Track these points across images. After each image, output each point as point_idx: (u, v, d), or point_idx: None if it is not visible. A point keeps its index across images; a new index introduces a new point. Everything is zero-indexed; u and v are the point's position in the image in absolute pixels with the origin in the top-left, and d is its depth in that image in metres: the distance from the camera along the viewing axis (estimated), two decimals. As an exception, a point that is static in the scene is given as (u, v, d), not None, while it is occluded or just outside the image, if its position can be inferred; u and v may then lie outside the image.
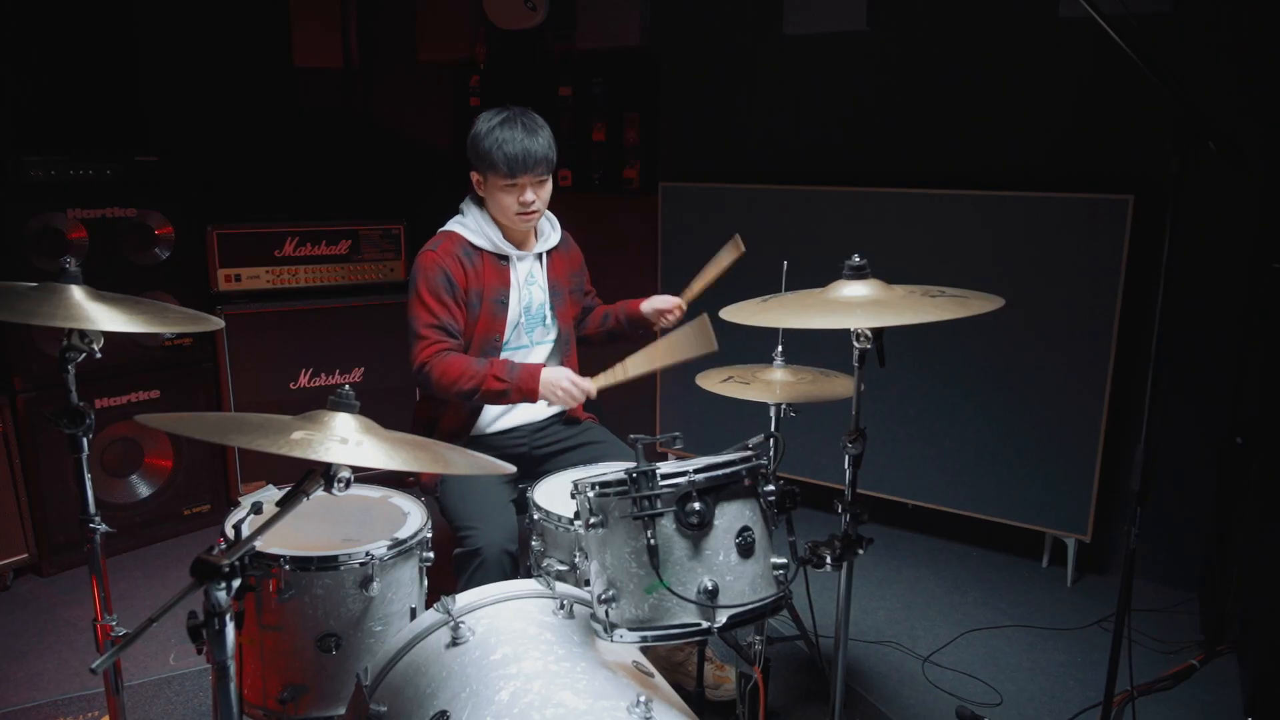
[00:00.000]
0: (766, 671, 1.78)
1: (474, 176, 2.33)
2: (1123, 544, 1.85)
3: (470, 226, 2.35)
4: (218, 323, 1.80)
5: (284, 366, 3.54)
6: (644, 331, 2.53)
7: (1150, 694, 2.48)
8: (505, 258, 2.36)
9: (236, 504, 1.89)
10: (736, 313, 1.71)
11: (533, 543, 2.03)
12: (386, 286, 3.72)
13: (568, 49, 3.97)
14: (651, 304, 2.49)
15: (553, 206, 2.41)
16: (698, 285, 2.40)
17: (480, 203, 2.38)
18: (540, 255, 2.43)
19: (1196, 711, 2.43)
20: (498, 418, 2.42)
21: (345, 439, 1.31)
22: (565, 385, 2.21)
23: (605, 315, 2.60)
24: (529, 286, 2.41)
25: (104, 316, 1.62)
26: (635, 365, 2.23)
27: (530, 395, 2.21)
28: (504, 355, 2.36)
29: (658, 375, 3.84)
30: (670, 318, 2.46)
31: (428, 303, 2.25)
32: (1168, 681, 2.53)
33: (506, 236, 2.36)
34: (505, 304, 2.35)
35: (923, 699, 2.47)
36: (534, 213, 2.30)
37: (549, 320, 2.44)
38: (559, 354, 2.48)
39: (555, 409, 2.47)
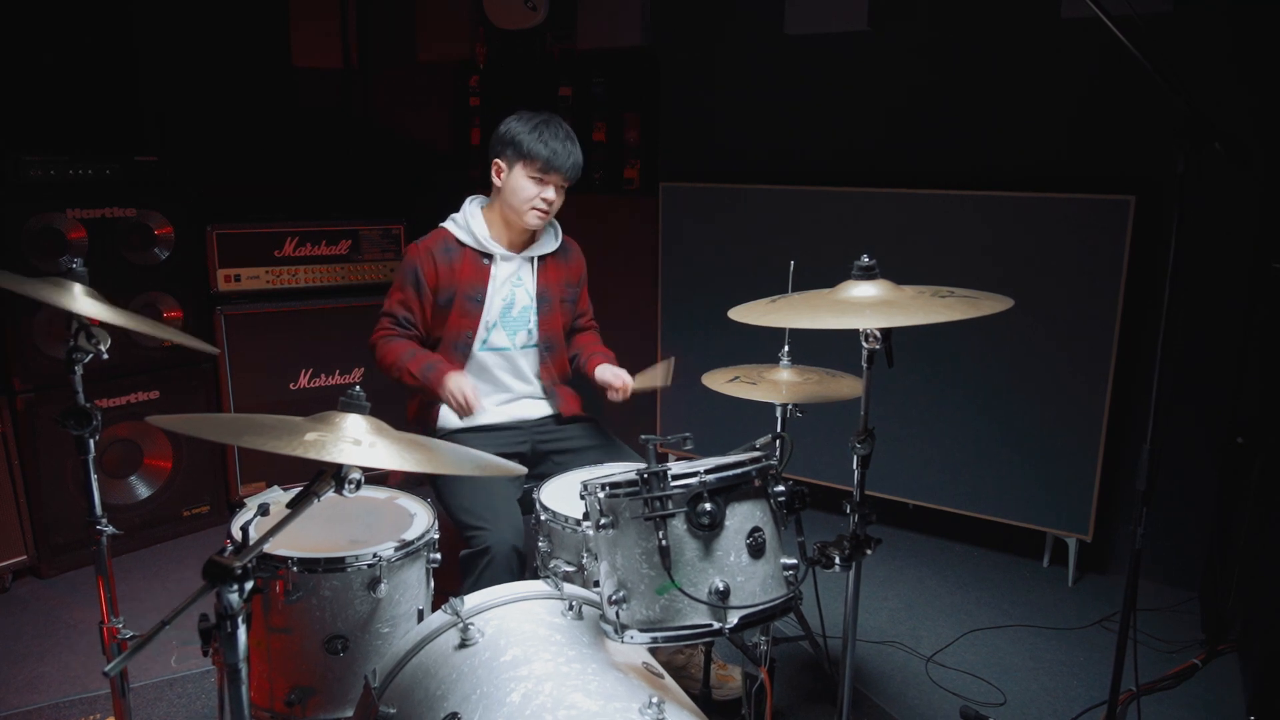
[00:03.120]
0: (772, 672, 1.78)
1: (496, 165, 2.34)
2: (1127, 544, 1.85)
3: (459, 222, 2.39)
4: (212, 350, 1.89)
5: (284, 367, 3.53)
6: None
7: (1152, 693, 2.49)
8: (488, 256, 2.37)
9: (242, 504, 1.89)
10: (745, 313, 1.71)
11: (540, 544, 2.03)
12: (386, 287, 3.67)
13: (568, 49, 3.97)
14: (603, 374, 2.42)
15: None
16: (641, 382, 2.37)
17: (485, 199, 2.39)
18: (532, 259, 2.43)
19: (1199, 710, 2.44)
20: (491, 410, 2.42)
21: (358, 440, 1.31)
22: (459, 393, 2.21)
23: (574, 357, 2.57)
24: (515, 288, 2.42)
25: (108, 316, 1.62)
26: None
27: (437, 394, 2.29)
28: (482, 354, 2.40)
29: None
30: (613, 395, 2.39)
31: (395, 291, 2.40)
32: (1170, 681, 2.54)
33: (494, 236, 2.38)
34: (480, 302, 2.37)
35: (927, 699, 2.48)
36: (546, 212, 2.33)
37: (533, 325, 2.44)
38: (541, 360, 2.47)
39: (550, 410, 2.49)
